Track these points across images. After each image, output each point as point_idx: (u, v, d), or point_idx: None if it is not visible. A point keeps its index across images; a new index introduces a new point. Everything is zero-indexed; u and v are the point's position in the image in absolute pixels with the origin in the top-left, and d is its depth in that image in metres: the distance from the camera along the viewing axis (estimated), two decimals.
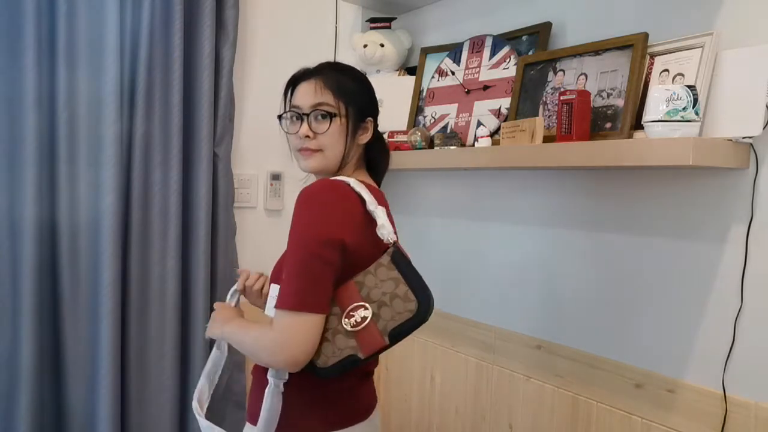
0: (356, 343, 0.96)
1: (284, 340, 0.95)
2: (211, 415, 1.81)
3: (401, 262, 1.00)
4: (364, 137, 1.15)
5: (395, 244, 1.02)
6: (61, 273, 1.57)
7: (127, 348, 1.66)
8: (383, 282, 0.98)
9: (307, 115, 1.10)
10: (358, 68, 1.20)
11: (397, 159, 1.72)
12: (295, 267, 0.97)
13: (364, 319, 0.97)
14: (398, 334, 0.96)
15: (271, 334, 0.97)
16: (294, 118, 1.12)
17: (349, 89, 1.12)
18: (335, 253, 0.97)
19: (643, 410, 1.32)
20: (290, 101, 1.14)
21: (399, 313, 0.96)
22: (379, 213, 1.02)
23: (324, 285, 0.97)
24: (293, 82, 1.15)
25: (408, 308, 0.96)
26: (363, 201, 1.02)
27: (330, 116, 1.09)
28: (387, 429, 2.08)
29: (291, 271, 0.98)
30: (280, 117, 1.16)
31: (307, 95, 1.10)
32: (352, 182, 1.04)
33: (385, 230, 1.01)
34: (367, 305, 0.97)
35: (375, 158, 1.20)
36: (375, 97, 1.19)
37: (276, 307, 0.98)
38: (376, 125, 1.19)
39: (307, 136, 1.09)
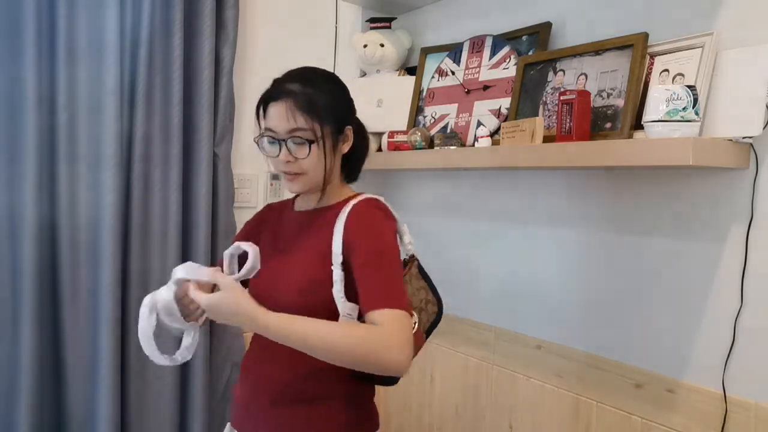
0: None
1: (408, 340, 0.95)
2: (210, 416, 1.82)
3: (423, 272, 1.18)
4: (346, 146, 1.13)
5: (415, 256, 1.18)
6: (61, 273, 1.57)
7: (127, 348, 1.66)
8: (418, 291, 1.14)
9: (285, 140, 1.06)
10: (358, 68, 1.18)
11: (397, 159, 1.73)
12: (391, 271, 1.01)
13: (416, 323, 1.10)
14: (429, 332, 1.15)
15: (397, 333, 0.94)
16: (270, 142, 1.08)
17: (322, 106, 1.06)
18: None
19: (643, 410, 1.32)
20: (264, 121, 1.09)
21: (430, 315, 1.14)
22: (406, 229, 1.15)
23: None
24: (264, 102, 1.10)
25: (433, 311, 1.15)
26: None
27: (308, 143, 1.05)
28: (387, 429, 2.08)
29: (389, 275, 1.00)
30: (256, 140, 1.11)
31: (280, 119, 1.05)
32: (382, 200, 1.13)
33: (411, 246, 1.16)
34: (412, 311, 1.10)
35: (355, 153, 1.17)
36: (351, 100, 1.15)
37: (389, 306, 0.95)
38: (356, 125, 1.16)
39: (288, 161, 1.07)
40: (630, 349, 1.36)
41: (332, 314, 1.02)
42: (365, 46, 1.92)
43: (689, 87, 1.07)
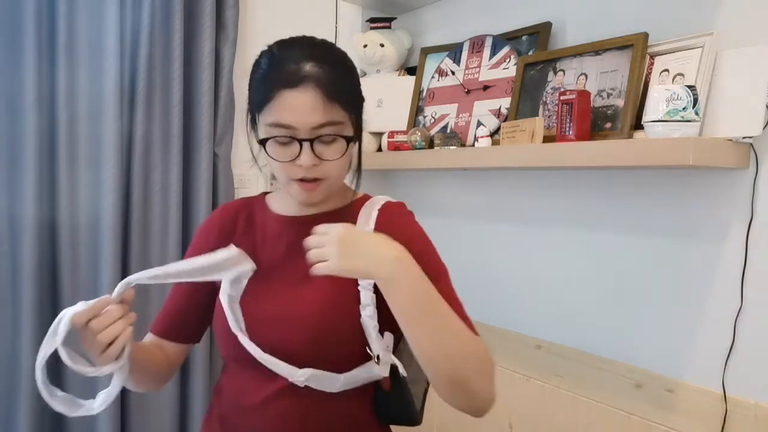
0: None
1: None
2: None
3: None
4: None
5: None
6: (61, 273, 1.57)
7: None
8: None
9: (310, 140, 0.81)
10: (358, 68, 1.05)
11: (397, 159, 1.72)
12: (455, 293, 0.89)
13: None
14: None
15: (493, 364, 0.82)
16: (285, 142, 0.82)
17: (353, 92, 0.86)
18: None
19: (643, 410, 1.32)
20: (270, 114, 0.82)
21: None
22: None
23: None
24: (269, 89, 0.81)
25: None
26: None
27: (345, 140, 0.83)
28: None
29: (457, 299, 0.88)
30: (263, 142, 0.84)
31: (305, 111, 0.79)
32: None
33: None
34: None
35: None
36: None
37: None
38: None
39: (314, 165, 0.82)
40: (630, 349, 1.36)
41: (354, 344, 0.82)
42: (365, 46, 1.92)
43: (689, 87, 1.07)
